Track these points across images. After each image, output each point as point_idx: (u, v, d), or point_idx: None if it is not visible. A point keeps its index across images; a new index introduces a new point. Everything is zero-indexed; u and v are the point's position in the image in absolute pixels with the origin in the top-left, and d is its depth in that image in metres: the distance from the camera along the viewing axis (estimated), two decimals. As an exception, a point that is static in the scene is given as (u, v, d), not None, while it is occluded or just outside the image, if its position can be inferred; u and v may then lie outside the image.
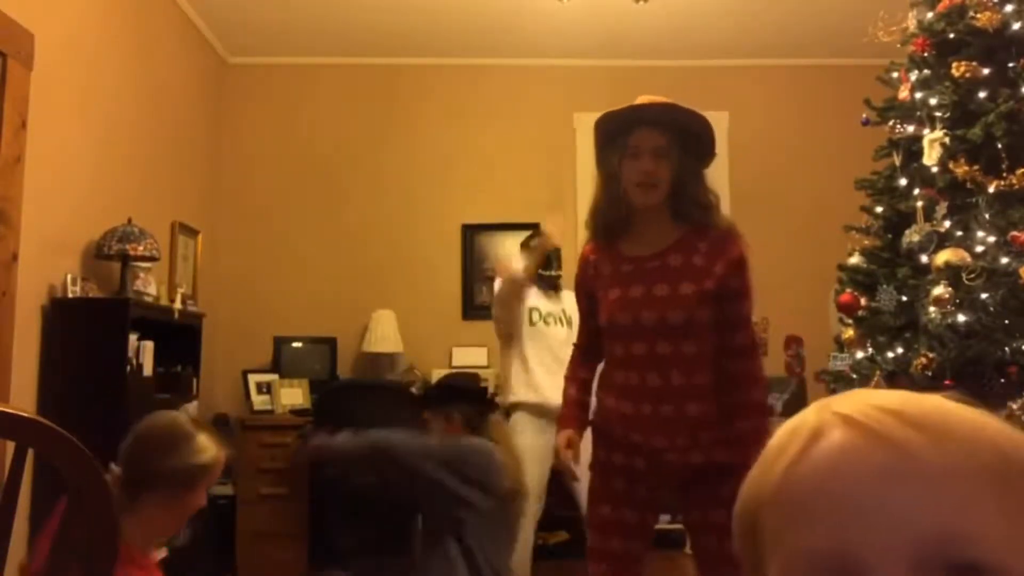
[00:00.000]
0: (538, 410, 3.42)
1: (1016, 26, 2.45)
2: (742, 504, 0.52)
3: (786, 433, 0.51)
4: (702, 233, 1.94)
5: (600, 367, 2.13)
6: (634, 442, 1.95)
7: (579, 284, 2.12)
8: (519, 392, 3.50)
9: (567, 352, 3.56)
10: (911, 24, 2.76)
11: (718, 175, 5.51)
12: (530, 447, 3.17)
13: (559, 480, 3.14)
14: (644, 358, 1.90)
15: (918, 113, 2.61)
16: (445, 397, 2.78)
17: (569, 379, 2.17)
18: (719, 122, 5.14)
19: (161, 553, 1.84)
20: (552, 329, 3.60)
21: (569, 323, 3.60)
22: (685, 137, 1.94)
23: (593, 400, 2.15)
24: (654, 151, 1.91)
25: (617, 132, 1.98)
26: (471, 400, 2.78)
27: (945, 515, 0.44)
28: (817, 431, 0.48)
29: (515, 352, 3.54)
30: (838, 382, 2.72)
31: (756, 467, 0.52)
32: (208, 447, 1.76)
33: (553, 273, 3.64)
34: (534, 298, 3.59)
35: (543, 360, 3.50)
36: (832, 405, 0.50)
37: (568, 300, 3.67)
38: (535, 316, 3.60)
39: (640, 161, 1.91)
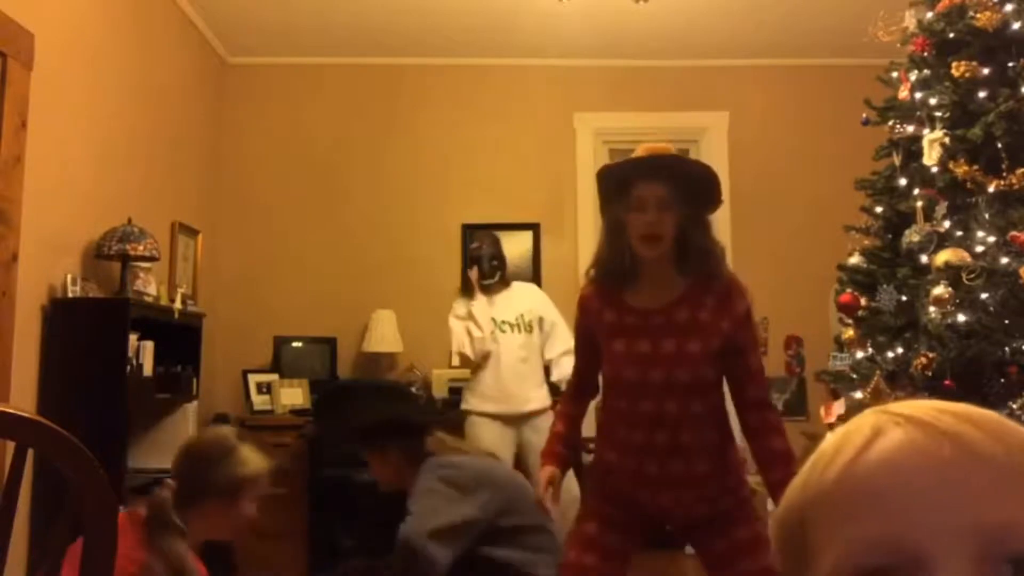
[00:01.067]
0: (501, 417, 3.56)
1: (1016, 26, 2.45)
2: (787, 505, 0.53)
3: (841, 435, 0.51)
4: (707, 286, 1.93)
5: (594, 403, 2.12)
6: (640, 500, 1.94)
7: (580, 324, 2.08)
8: (478, 403, 3.62)
9: (527, 356, 3.62)
10: (911, 24, 2.76)
11: (718, 175, 5.51)
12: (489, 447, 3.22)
13: None
14: (651, 416, 1.88)
15: (918, 113, 2.61)
16: (374, 437, 2.56)
17: (559, 414, 2.16)
18: (719, 122, 5.16)
19: None
20: (504, 336, 3.64)
21: (528, 327, 3.67)
22: (688, 186, 1.93)
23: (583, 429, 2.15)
24: (657, 203, 1.90)
25: (621, 184, 1.96)
26: (403, 433, 2.53)
27: (1009, 508, 0.44)
28: (878, 429, 0.49)
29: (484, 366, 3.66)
30: (838, 382, 2.72)
31: (806, 470, 0.52)
32: (251, 459, 1.90)
33: (495, 280, 3.69)
34: (486, 309, 3.66)
35: (509, 368, 3.58)
36: (889, 408, 0.51)
37: (521, 296, 3.79)
38: (492, 327, 3.67)
39: (644, 214, 1.90)
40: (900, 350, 2.42)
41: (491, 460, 2.69)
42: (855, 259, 2.80)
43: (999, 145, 2.34)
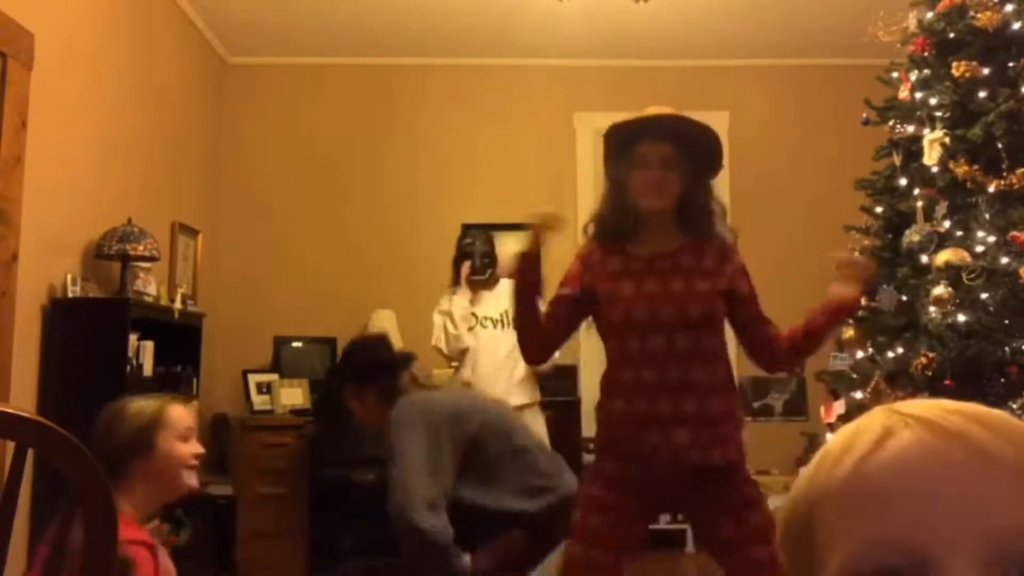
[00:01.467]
0: None
1: (1016, 26, 2.45)
2: (792, 503, 0.53)
3: (850, 433, 0.51)
4: (707, 241, 1.98)
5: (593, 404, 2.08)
6: (651, 442, 1.86)
7: (576, 275, 2.04)
8: None
9: (500, 349, 3.58)
10: (911, 24, 2.76)
11: (718, 175, 5.49)
12: None
13: None
14: (663, 353, 1.87)
15: (918, 113, 2.61)
16: (351, 376, 2.66)
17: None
18: (719, 122, 5.13)
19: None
20: (486, 332, 3.66)
21: (496, 322, 3.71)
22: (692, 148, 1.97)
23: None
24: (662, 162, 1.93)
25: (625, 142, 1.99)
26: (378, 373, 2.62)
27: (1019, 511, 0.44)
28: (888, 429, 0.49)
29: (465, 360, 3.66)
30: (838, 382, 2.72)
31: (812, 467, 0.52)
32: (143, 407, 1.82)
33: (484, 277, 3.71)
34: (467, 304, 3.68)
35: (488, 364, 3.57)
36: (898, 407, 0.51)
37: (508, 293, 3.76)
38: (473, 321, 3.68)
39: (648, 171, 1.93)
40: (900, 350, 2.43)
41: (465, 390, 2.73)
42: (855, 259, 2.80)
43: (999, 145, 2.34)
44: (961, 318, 2.23)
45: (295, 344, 4.71)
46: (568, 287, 2.05)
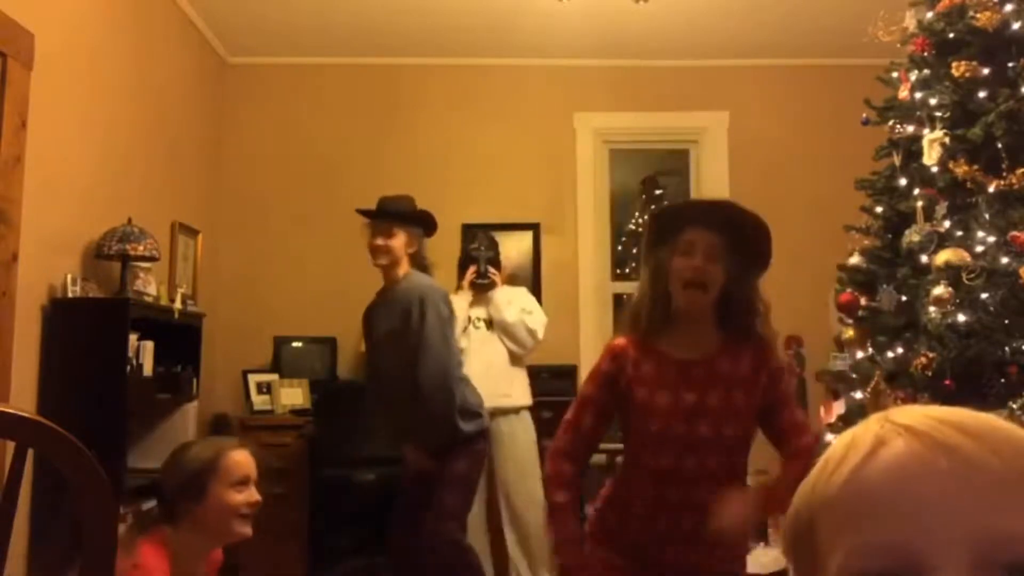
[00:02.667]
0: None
1: (1016, 26, 2.45)
2: (796, 510, 0.55)
3: (846, 443, 0.53)
4: (744, 342, 1.87)
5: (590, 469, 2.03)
6: (667, 560, 1.83)
7: (603, 373, 1.91)
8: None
9: (489, 351, 3.75)
10: (911, 24, 2.76)
11: (718, 175, 5.52)
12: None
13: None
14: (693, 471, 1.80)
15: (918, 113, 2.61)
16: (412, 220, 3.17)
17: (558, 479, 1.89)
18: (719, 122, 5.16)
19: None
20: (478, 333, 3.75)
21: (488, 323, 3.81)
22: (740, 240, 1.86)
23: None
24: (707, 250, 1.82)
25: (670, 226, 1.89)
26: (411, 221, 3.18)
27: (1005, 518, 0.46)
28: (880, 439, 0.51)
29: None
30: (838, 382, 2.72)
31: (813, 475, 0.55)
32: (200, 453, 1.84)
33: (487, 281, 3.78)
34: (464, 307, 3.72)
35: (475, 364, 3.57)
36: (891, 417, 0.53)
37: (506, 295, 3.87)
38: (466, 323, 3.73)
39: (691, 259, 1.82)
40: (900, 350, 2.42)
41: None
42: (855, 259, 2.80)
43: (999, 145, 2.34)
44: (961, 318, 2.23)
45: (295, 344, 4.71)
46: (598, 389, 1.92)
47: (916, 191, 2.56)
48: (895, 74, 2.81)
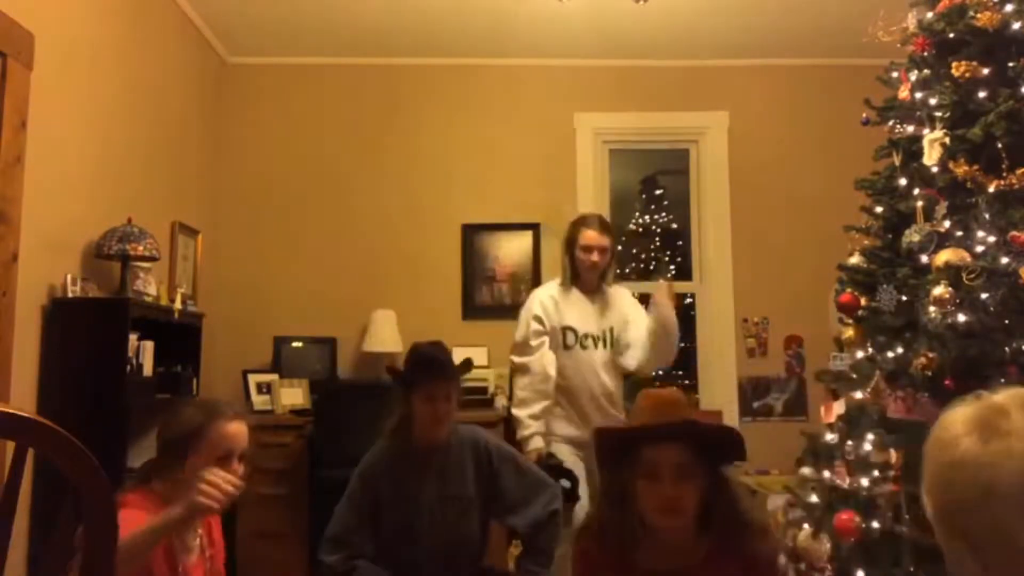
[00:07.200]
0: (577, 442, 3.21)
1: (1016, 26, 2.44)
2: (956, 482, 0.57)
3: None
4: (732, 551, 1.67)
5: None
6: None
7: None
8: (558, 426, 3.22)
9: (606, 375, 3.28)
10: (911, 24, 2.75)
11: (718, 175, 5.52)
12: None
13: None
14: None
15: (918, 113, 2.61)
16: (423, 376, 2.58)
17: None
18: (719, 122, 5.16)
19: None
20: (587, 353, 3.21)
21: (606, 343, 3.21)
22: (709, 447, 1.66)
23: None
24: (675, 471, 1.62)
25: (626, 444, 1.68)
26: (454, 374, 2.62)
27: None
28: None
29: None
30: (838, 382, 2.71)
31: (989, 451, 0.56)
32: (194, 415, 1.82)
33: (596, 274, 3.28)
34: (569, 312, 3.25)
35: (581, 388, 3.21)
36: None
37: (616, 305, 3.31)
38: (570, 337, 3.21)
39: (659, 485, 1.62)
40: (900, 350, 2.42)
41: None
42: (855, 259, 2.80)
43: (999, 145, 2.34)
44: (961, 318, 2.23)
45: (295, 344, 4.71)
46: None
47: (916, 191, 2.56)
48: (895, 74, 2.81)
